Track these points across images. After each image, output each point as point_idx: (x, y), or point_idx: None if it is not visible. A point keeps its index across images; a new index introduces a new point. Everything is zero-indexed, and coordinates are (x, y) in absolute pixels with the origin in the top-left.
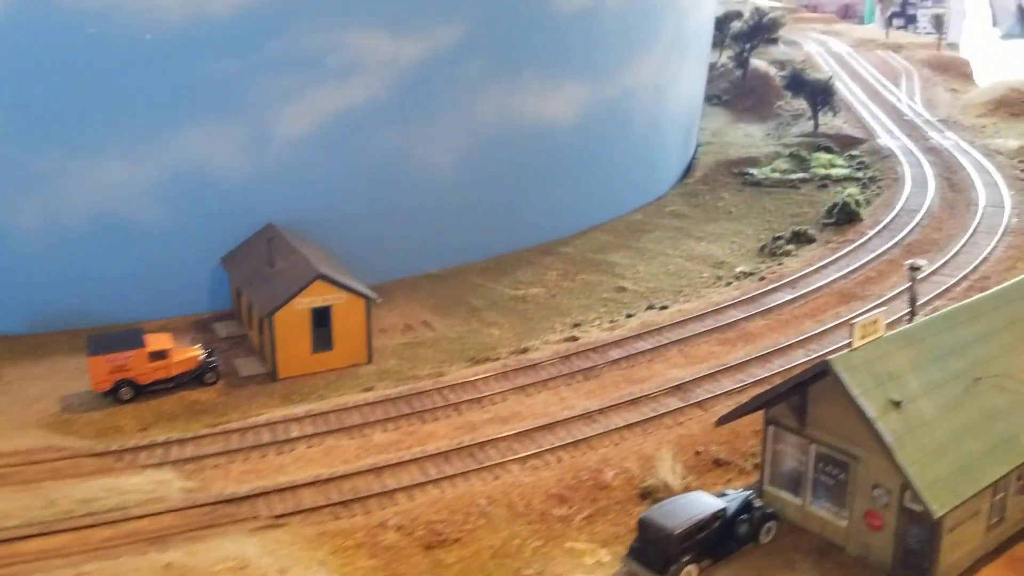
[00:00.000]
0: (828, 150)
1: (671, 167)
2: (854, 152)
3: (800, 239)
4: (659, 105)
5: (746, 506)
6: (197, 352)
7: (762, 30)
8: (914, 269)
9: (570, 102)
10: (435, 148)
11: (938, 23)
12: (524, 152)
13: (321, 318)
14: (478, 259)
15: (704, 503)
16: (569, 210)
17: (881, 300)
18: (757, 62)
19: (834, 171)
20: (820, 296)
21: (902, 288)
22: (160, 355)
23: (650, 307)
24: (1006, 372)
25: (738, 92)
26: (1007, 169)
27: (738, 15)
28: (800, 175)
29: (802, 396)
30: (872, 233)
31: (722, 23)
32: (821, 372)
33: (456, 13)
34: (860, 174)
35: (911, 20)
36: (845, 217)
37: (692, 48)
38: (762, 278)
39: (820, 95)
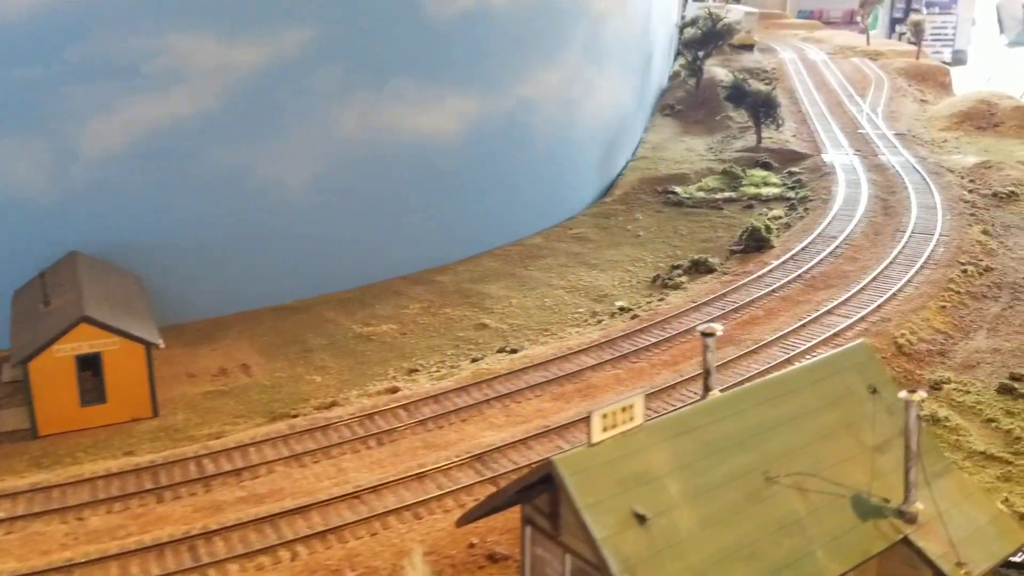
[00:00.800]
0: (766, 166)
1: (586, 186)
2: (794, 169)
3: (699, 269)
4: (569, 119)
5: None
6: None
7: (715, 37)
8: (707, 336)
9: (454, 116)
10: (283, 166)
11: (917, 30)
12: (396, 171)
13: (91, 366)
14: (339, 289)
15: None
16: (453, 234)
17: (758, 345)
18: (719, 71)
19: (765, 190)
20: (690, 340)
21: (783, 332)
22: None
23: (501, 350)
24: (811, 468)
25: (692, 103)
26: (953, 190)
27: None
28: (728, 194)
29: (554, 494)
30: (776, 263)
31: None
32: (547, 475)
33: (302, 15)
34: (792, 194)
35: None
36: (754, 244)
37: (615, 57)
38: (635, 316)
39: (762, 107)
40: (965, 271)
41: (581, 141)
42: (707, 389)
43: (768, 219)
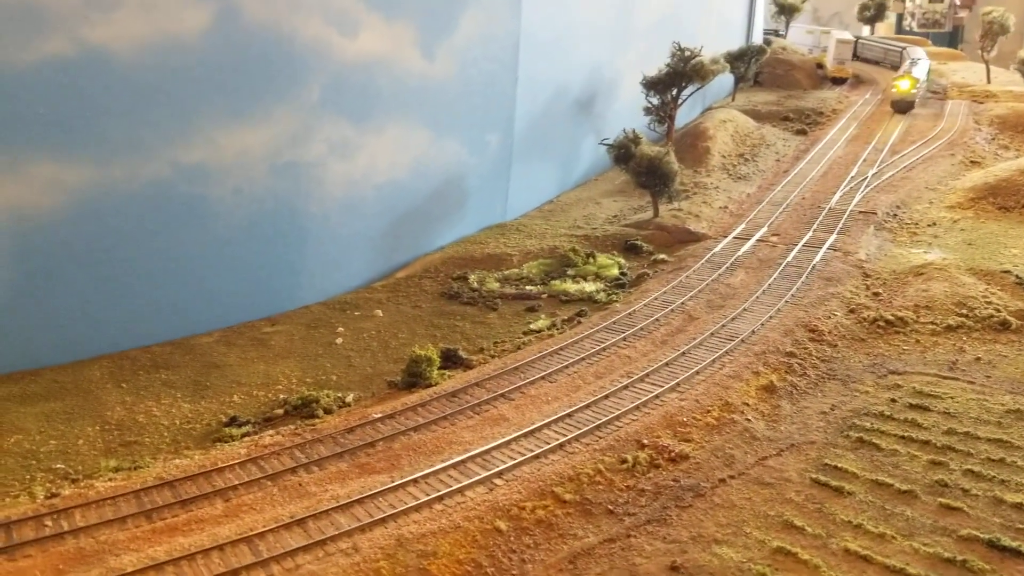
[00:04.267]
0: (634, 249)
1: (344, 267)
2: (665, 256)
3: (301, 412)
4: (293, 188)
5: None
6: None
7: (683, 77)
8: None
9: (45, 186)
10: None
11: None
12: None
13: None
14: None
15: None
16: (59, 332)
17: None
18: (714, 113)
19: (578, 287)
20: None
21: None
22: None
23: None
24: None
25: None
26: (818, 309)
27: (759, 50)
28: (532, 288)
29: None
30: (378, 416)
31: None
32: None
33: None
34: (602, 296)
35: None
36: (409, 379)
37: (408, 112)
38: (50, 497)
39: (644, 174)
40: (625, 461)
41: (328, 214)
42: None
43: (526, 330)
